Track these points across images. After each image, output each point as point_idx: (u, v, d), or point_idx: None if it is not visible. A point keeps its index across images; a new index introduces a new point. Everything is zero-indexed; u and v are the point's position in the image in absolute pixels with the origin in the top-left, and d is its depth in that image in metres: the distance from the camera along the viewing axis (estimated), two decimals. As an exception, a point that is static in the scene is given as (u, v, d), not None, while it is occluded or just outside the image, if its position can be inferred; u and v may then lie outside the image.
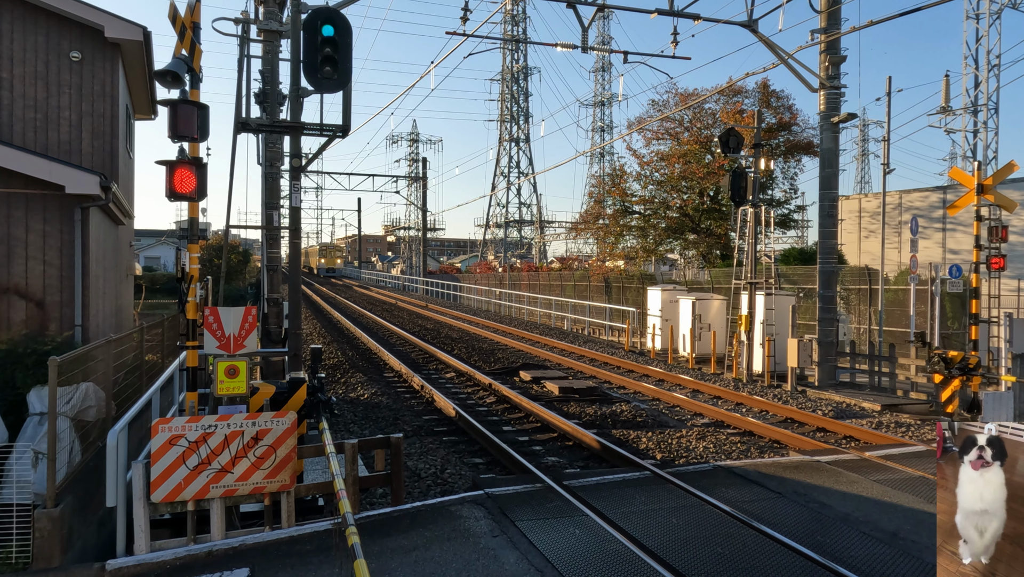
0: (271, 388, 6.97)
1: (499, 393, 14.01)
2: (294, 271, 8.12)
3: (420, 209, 61.17)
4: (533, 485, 7.54)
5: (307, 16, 7.31)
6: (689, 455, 9.95)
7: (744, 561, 5.73)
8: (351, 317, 30.97)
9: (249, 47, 9.65)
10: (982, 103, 29.80)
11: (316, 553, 5.74)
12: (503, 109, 68.94)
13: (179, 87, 6.21)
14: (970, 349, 11.46)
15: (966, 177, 11.58)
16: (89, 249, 10.55)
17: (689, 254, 35.70)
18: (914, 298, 17.73)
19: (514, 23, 64.40)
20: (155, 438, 5.84)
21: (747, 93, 32.35)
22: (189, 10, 6.44)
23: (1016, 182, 22.73)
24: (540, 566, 5.55)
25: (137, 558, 5.68)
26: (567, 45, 17.18)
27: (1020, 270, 22.01)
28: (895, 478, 8.04)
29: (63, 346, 9.09)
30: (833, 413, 12.82)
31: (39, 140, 11.66)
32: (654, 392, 14.43)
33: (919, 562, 5.77)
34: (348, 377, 16.22)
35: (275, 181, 9.64)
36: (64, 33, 11.80)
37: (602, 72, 72.82)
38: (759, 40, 16.16)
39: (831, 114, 16.04)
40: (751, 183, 17.17)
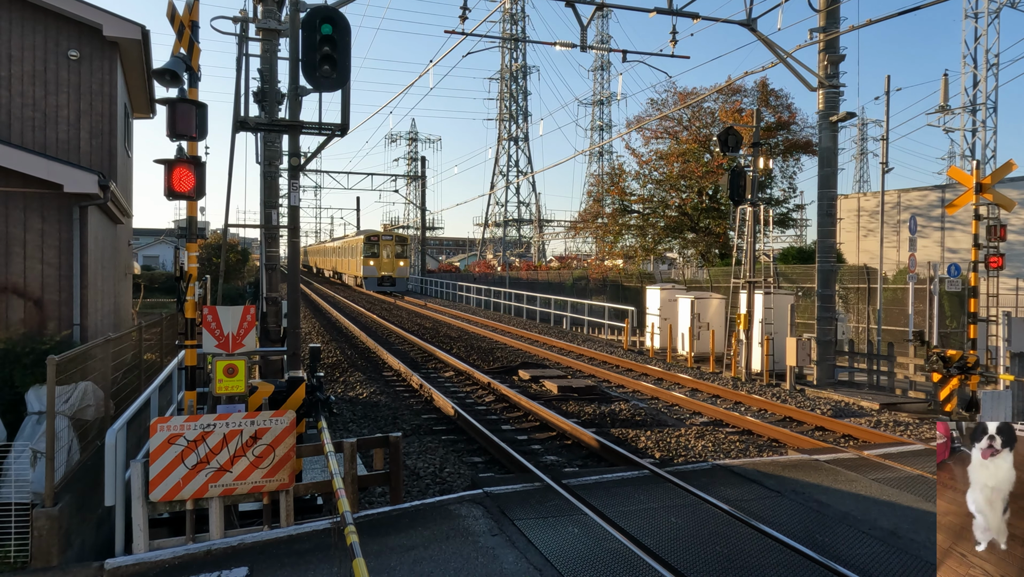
0: (270, 387, 6.96)
1: (498, 392, 14.01)
2: (293, 270, 8.12)
3: (419, 208, 61.15)
4: (532, 484, 7.55)
5: (306, 15, 7.30)
6: (688, 454, 9.95)
7: (743, 560, 5.73)
8: (350, 316, 30.96)
9: (248, 46, 9.63)
10: (981, 102, 29.82)
11: (315, 552, 5.74)
12: (502, 108, 68.93)
13: (177, 86, 6.21)
14: (968, 348, 11.47)
15: (964, 176, 11.59)
16: (87, 248, 10.54)
17: (688, 253, 35.70)
18: (913, 297, 17.75)
19: (513, 22, 64.37)
20: (154, 437, 5.84)
21: (746, 92, 32.37)
22: (187, 9, 6.43)
23: (1014, 181, 22.75)
24: (539, 565, 5.55)
25: (136, 557, 5.68)
26: (566, 44, 17.17)
27: (1019, 269, 22.04)
28: (894, 477, 8.05)
29: (61, 345, 9.08)
30: (832, 412, 12.83)
31: (37, 139, 11.65)
32: (653, 391, 14.43)
33: (918, 560, 5.78)
34: (347, 376, 16.21)
35: (274, 180, 9.63)
36: (62, 32, 11.78)
37: (601, 71, 72.83)
38: (758, 39, 16.16)
39: (830, 113, 16.04)
40: (750, 182, 17.17)
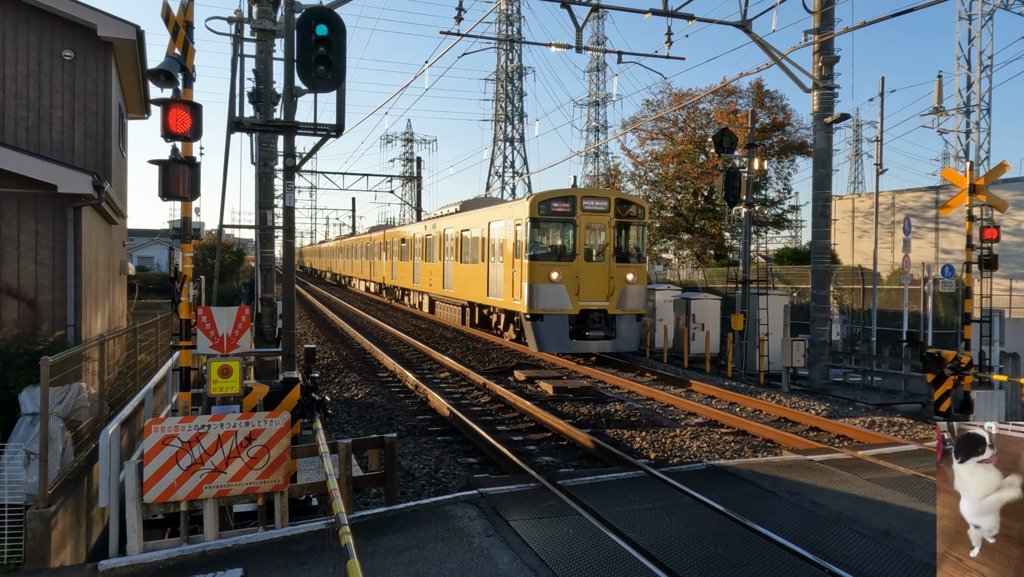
0: (265, 388, 6.96)
1: (493, 393, 14.01)
2: (288, 270, 8.11)
3: (415, 209, 61.15)
4: (527, 485, 7.55)
5: (301, 15, 7.30)
6: (683, 454, 9.97)
7: (738, 560, 5.74)
8: (346, 317, 30.92)
9: (243, 46, 9.62)
10: (974, 103, 29.95)
11: (310, 553, 5.73)
12: (497, 109, 68.95)
13: (172, 86, 6.20)
14: (963, 349, 11.51)
15: (958, 177, 11.63)
16: (82, 249, 10.51)
17: (683, 254, 35.79)
18: (907, 298, 17.81)
19: (508, 23, 64.41)
20: (148, 438, 5.82)
21: (741, 93, 32.47)
22: (182, 9, 6.42)
23: (1008, 182, 22.85)
24: (534, 566, 5.55)
25: (130, 558, 5.66)
26: (561, 45, 17.19)
27: (1013, 270, 22.13)
28: (888, 477, 8.07)
29: (55, 346, 9.05)
30: (826, 412, 12.86)
31: (31, 139, 11.61)
32: (648, 392, 14.45)
33: (911, 560, 5.80)
34: (342, 377, 16.19)
35: (269, 180, 9.62)
36: (57, 32, 11.75)
37: (596, 72, 72.87)
38: (753, 40, 16.20)
39: (824, 114, 16.09)
40: (745, 183, 17.22)
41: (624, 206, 18.46)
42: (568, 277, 17.59)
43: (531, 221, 17.79)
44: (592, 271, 17.79)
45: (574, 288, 17.60)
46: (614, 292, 17.87)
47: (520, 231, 18.31)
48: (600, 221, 18.03)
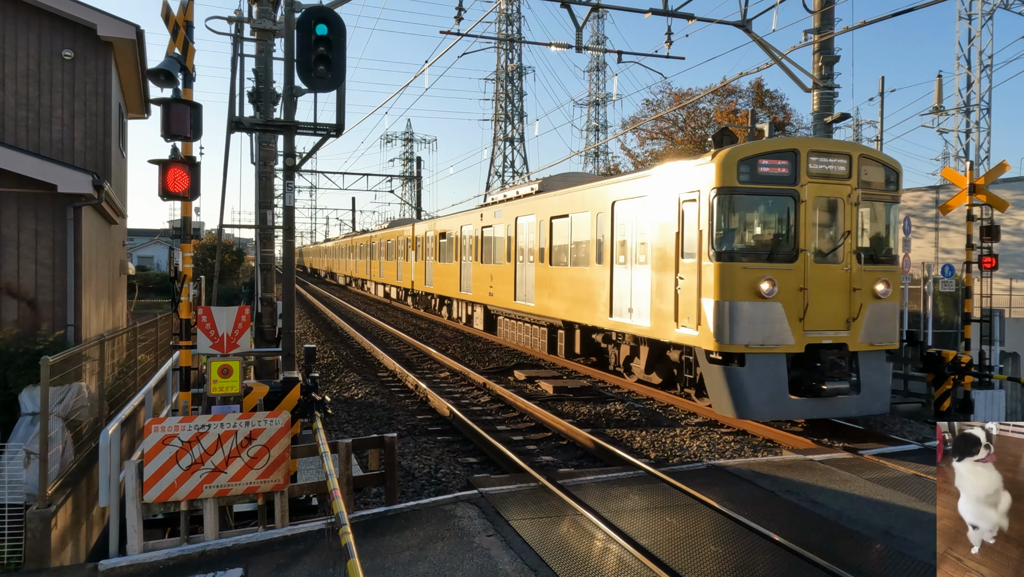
0: (265, 388, 6.96)
1: (493, 392, 14.01)
2: (288, 270, 8.12)
3: (415, 209, 61.16)
4: (527, 484, 7.55)
5: (301, 15, 7.30)
6: (683, 454, 9.96)
7: (737, 559, 5.75)
8: (345, 317, 30.93)
9: (243, 46, 9.63)
10: (974, 103, 29.96)
11: (310, 553, 5.73)
12: (497, 108, 68.94)
13: (172, 86, 6.21)
14: (963, 348, 11.52)
15: (958, 177, 11.64)
16: (82, 248, 10.51)
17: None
18: (907, 297, 17.80)
19: (508, 22, 64.40)
20: (148, 438, 5.83)
21: (741, 93, 32.49)
22: (182, 9, 6.43)
23: (1008, 182, 22.85)
24: (534, 565, 5.55)
25: (130, 558, 5.66)
26: (561, 45, 17.19)
27: (1013, 269, 22.13)
28: (888, 476, 8.07)
29: (55, 346, 9.05)
30: (826, 412, 12.83)
31: (31, 139, 11.61)
32: (648, 392, 14.44)
33: (911, 560, 5.80)
34: (342, 377, 16.19)
35: (269, 180, 9.63)
36: (57, 31, 11.75)
37: (596, 72, 72.85)
38: (753, 40, 16.20)
39: (824, 114, 16.09)
40: (745, 183, 17.17)
41: (871, 167, 10.95)
42: (788, 290, 10.29)
43: (721, 193, 10.49)
44: (824, 280, 10.53)
45: (796, 309, 10.31)
46: (859, 314, 10.61)
47: (694, 212, 11.05)
48: (838, 193, 10.62)
